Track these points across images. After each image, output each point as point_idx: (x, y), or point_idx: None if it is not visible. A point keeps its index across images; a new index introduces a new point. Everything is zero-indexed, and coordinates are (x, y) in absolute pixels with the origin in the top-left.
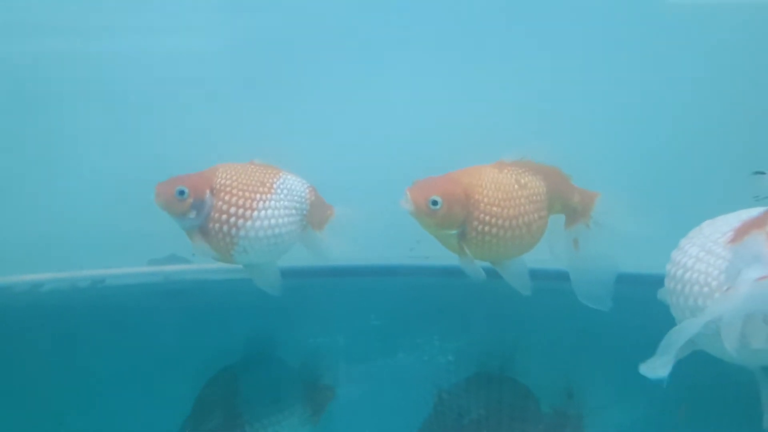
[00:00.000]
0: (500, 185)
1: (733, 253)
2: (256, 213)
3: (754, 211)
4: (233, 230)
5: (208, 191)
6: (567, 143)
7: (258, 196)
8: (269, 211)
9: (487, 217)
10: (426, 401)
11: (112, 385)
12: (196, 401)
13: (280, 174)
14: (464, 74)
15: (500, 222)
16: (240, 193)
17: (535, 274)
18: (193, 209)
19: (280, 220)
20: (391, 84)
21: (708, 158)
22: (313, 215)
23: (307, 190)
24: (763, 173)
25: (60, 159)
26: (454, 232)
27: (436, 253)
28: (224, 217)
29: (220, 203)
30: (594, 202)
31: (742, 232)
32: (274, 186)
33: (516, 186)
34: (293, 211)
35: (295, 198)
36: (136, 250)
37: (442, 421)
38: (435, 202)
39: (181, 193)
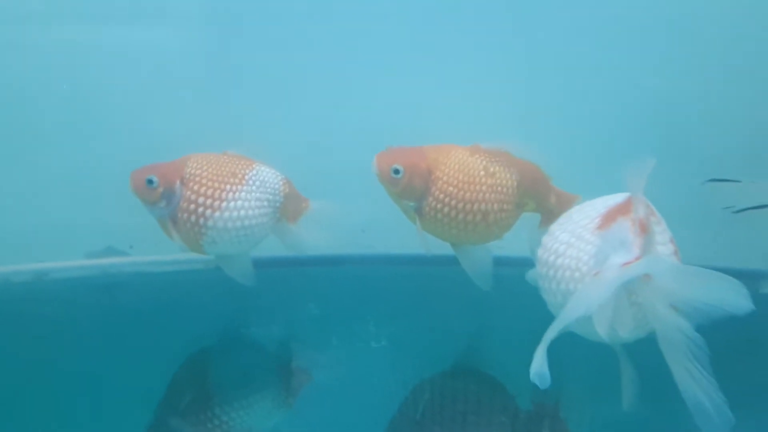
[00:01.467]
0: (465, 168)
1: (601, 239)
2: (225, 204)
3: (620, 197)
4: (201, 220)
5: (178, 181)
6: (557, 143)
7: (228, 187)
8: (239, 203)
9: (441, 195)
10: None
11: (55, 382)
12: (139, 395)
13: (254, 165)
14: (447, 64)
15: (453, 203)
16: (209, 183)
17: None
18: (162, 198)
19: (251, 212)
20: (373, 75)
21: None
22: (287, 208)
23: (282, 183)
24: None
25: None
26: (412, 204)
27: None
28: (192, 207)
29: (188, 193)
30: (571, 206)
31: (609, 218)
32: (246, 177)
33: (482, 172)
34: (265, 203)
35: (268, 190)
36: (72, 243)
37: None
38: (396, 171)
39: (150, 182)
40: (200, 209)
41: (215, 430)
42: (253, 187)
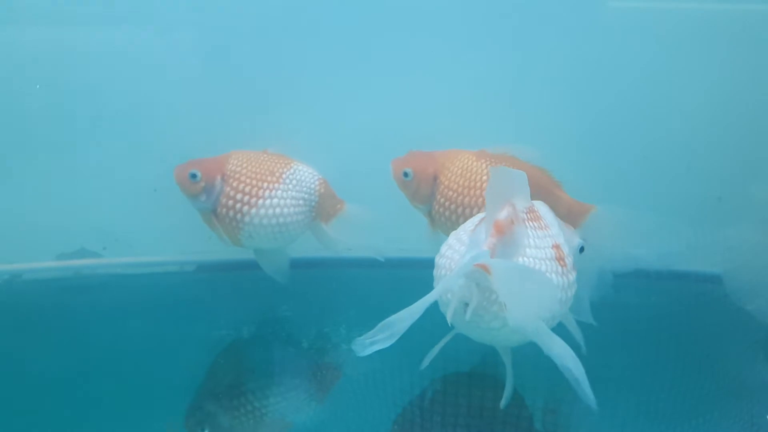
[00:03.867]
0: (468, 172)
1: (470, 239)
2: (261, 201)
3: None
4: (239, 216)
5: (219, 176)
6: (565, 147)
7: (265, 185)
8: (275, 200)
9: (443, 200)
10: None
11: (27, 383)
12: (110, 396)
13: (292, 164)
14: (461, 66)
15: (453, 207)
16: (248, 181)
17: None
18: (204, 192)
19: (285, 210)
20: (415, 79)
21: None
22: (322, 207)
23: (318, 182)
24: None
25: None
26: (423, 207)
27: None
28: (231, 202)
29: (228, 189)
30: (585, 217)
31: (479, 222)
32: (283, 176)
33: (484, 177)
34: (301, 202)
35: (304, 189)
36: (44, 245)
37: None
38: (406, 174)
39: (193, 176)
40: (238, 205)
41: None
42: (290, 186)
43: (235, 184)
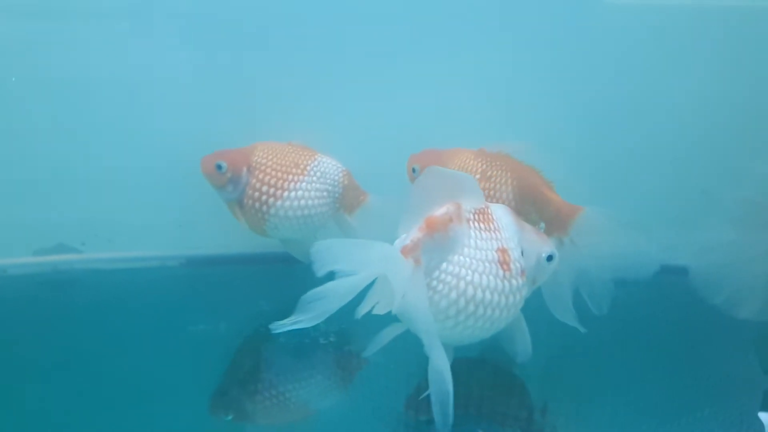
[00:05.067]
0: (463, 171)
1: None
2: (286, 193)
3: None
4: (264, 207)
5: (245, 168)
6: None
7: (290, 177)
8: (299, 192)
9: None
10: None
11: (3, 379)
12: (87, 392)
13: (316, 156)
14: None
15: None
16: (273, 173)
17: None
18: (230, 183)
19: (310, 202)
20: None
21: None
22: (346, 198)
23: (342, 174)
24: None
25: None
26: None
27: None
28: (257, 194)
29: (254, 181)
30: (574, 218)
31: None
32: (308, 168)
33: (478, 176)
34: (325, 193)
35: (328, 181)
36: (22, 240)
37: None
38: (414, 170)
39: (219, 167)
40: (264, 197)
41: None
42: (314, 178)
43: (261, 176)
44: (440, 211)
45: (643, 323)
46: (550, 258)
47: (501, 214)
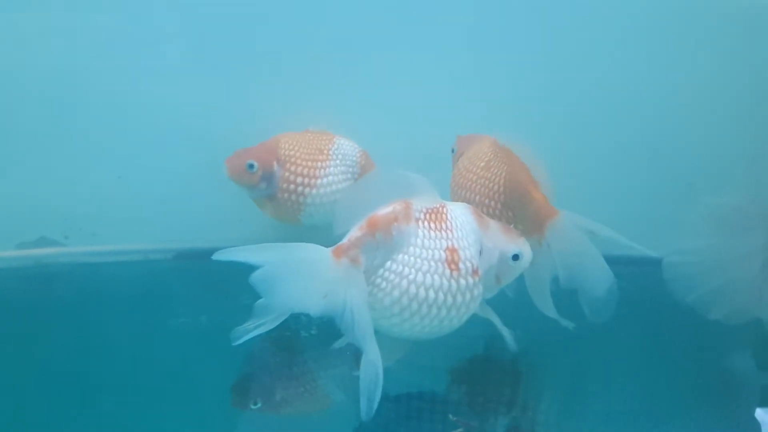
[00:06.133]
0: (473, 157)
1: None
2: (319, 181)
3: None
4: (300, 198)
5: (275, 162)
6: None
7: (319, 164)
8: (330, 178)
9: (452, 179)
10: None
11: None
12: (70, 384)
13: (334, 140)
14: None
15: (452, 186)
16: (304, 163)
17: None
18: (263, 181)
19: (339, 186)
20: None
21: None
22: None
23: (359, 154)
24: None
25: None
26: None
27: None
28: (292, 186)
29: (286, 173)
30: (550, 221)
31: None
32: (331, 152)
33: (482, 164)
34: (348, 175)
35: (348, 162)
36: (3, 234)
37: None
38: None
39: (251, 166)
40: (299, 188)
41: (142, 424)
42: (337, 161)
43: (292, 168)
44: (385, 211)
45: (634, 317)
46: (516, 257)
47: (458, 213)
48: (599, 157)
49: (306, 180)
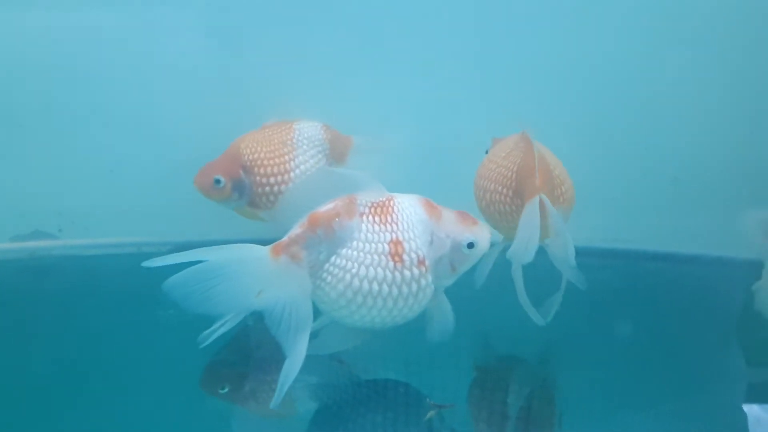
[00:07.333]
0: (499, 149)
1: None
2: (292, 174)
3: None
4: (279, 197)
5: (240, 171)
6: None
7: (286, 158)
8: (302, 167)
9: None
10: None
11: None
12: (63, 378)
13: (294, 127)
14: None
15: (475, 179)
16: (270, 162)
17: None
18: (234, 191)
19: (311, 169)
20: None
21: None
22: (334, 150)
23: (322, 130)
24: None
25: None
26: None
27: None
28: (267, 189)
29: (257, 178)
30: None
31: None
32: (294, 141)
33: (503, 154)
34: (319, 156)
35: (315, 142)
36: None
37: None
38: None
39: (218, 182)
40: (275, 188)
41: (135, 416)
42: (304, 147)
43: (261, 171)
44: (327, 207)
45: (626, 310)
46: (471, 245)
47: (406, 205)
48: (588, 153)
49: (278, 178)
